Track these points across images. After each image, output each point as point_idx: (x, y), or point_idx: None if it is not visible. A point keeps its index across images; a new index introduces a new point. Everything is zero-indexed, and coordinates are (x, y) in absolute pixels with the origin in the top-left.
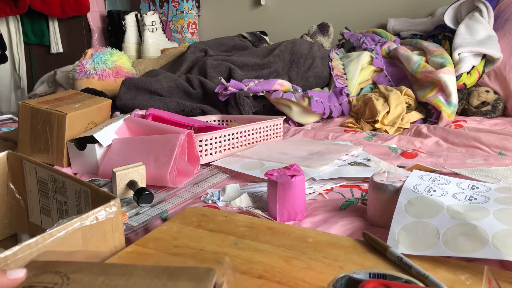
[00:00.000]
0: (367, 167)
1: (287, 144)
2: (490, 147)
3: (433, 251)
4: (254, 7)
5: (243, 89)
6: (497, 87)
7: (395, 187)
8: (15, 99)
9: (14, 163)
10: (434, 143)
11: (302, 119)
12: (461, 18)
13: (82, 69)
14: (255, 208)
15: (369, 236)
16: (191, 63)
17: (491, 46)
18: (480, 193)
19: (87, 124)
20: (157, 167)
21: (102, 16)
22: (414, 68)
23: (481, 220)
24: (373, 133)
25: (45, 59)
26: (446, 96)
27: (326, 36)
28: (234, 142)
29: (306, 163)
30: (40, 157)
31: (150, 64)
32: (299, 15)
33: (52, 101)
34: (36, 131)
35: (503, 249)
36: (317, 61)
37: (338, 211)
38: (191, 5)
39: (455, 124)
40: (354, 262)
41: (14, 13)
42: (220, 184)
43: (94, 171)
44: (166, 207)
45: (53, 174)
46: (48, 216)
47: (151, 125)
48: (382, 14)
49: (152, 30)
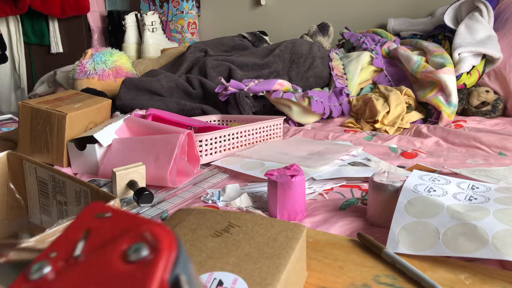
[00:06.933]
0: (367, 167)
1: (287, 144)
2: (490, 147)
3: (433, 251)
4: (254, 7)
5: (243, 89)
6: (497, 87)
7: (395, 187)
8: (15, 99)
9: (14, 163)
10: (434, 143)
11: (302, 119)
12: (461, 18)
13: (82, 69)
14: (255, 208)
15: (364, 237)
16: (191, 63)
17: (491, 46)
18: (480, 193)
19: (87, 124)
20: (157, 167)
21: (102, 16)
22: (414, 68)
23: (481, 220)
24: (373, 133)
25: (45, 59)
26: (446, 96)
27: (326, 36)
28: (234, 142)
29: (306, 163)
30: (40, 157)
31: (150, 64)
32: (299, 15)
33: (52, 101)
34: (36, 131)
35: (503, 249)
36: (317, 61)
37: (338, 211)
38: (191, 5)
39: (455, 124)
40: (354, 262)
41: (14, 13)
42: (220, 184)
43: (94, 171)
44: (166, 207)
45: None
46: (48, 216)
47: (151, 125)
48: (382, 14)
49: (152, 30)
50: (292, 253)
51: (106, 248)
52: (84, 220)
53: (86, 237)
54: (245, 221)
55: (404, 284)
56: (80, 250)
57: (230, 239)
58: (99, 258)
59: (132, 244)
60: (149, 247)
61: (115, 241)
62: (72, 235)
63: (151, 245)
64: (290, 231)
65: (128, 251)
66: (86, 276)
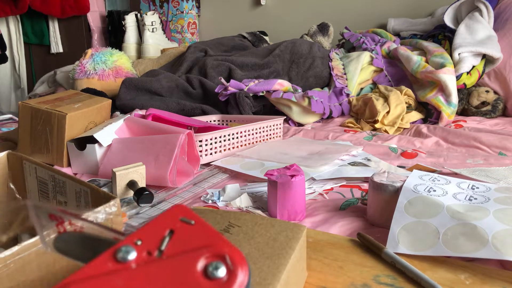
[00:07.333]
0: (367, 167)
1: (287, 144)
2: (490, 147)
3: (433, 251)
4: (254, 7)
5: (243, 89)
6: (497, 87)
7: (395, 187)
8: (15, 99)
9: (14, 163)
10: (434, 143)
11: (302, 119)
12: (461, 18)
13: (82, 69)
14: (255, 208)
15: (364, 237)
16: (191, 63)
17: (491, 46)
18: (480, 193)
19: (87, 124)
20: (157, 167)
21: (102, 16)
22: (414, 68)
23: (481, 220)
24: (373, 133)
25: (45, 59)
26: (446, 96)
27: (326, 36)
28: (234, 142)
29: (306, 163)
30: (40, 157)
31: (150, 64)
32: (299, 15)
33: (52, 101)
34: (36, 131)
35: (503, 249)
36: (317, 61)
37: (338, 211)
38: (191, 5)
39: (455, 124)
40: (354, 262)
41: (14, 13)
42: (220, 184)
43: (94, 171)
44: (166, 207)
45: (53, 174)
46: None
47: (151, 125)
48: (382, 14)
49: (152, 30)
50: (292, 253)
51: (188, 255)
52: (170, 219)
53: (170, 236)
54: (245, 221)
55: (404, 284)
56: (165, 246)
57: (230, 239)
58: (181, 263)
59: (213, 261)
60: (227, 270)
61: (197, 251)
62: (158, 230)
63: (229, 268)
64: (290, 231)
65: (209, 267)
66: (166, 277)
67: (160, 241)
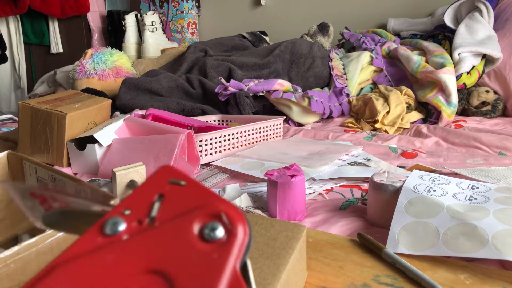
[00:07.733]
0: (367, 167)
1: (287, 144)
2: (490, 147)
3: (433, 251)
4: (254, 7)
5: (243, 89)
6: (497, 87)
7: (395, 187)
8: (15, 99)
9: (14, 163)
10: (434, 143)
11: (302, 119)
12: (461, 18)
13: (82, 69)
14: (255, 208)
15: (364, 237)
16: (191, 63)
17: (491, 46)
18: (480, 193)
19: (87, 124)
20: (157, 167)
21: (102, 16)
22: (414, 68)
23: (481, 220)
24: (373, 133)
25: (45, 59)
26: (446, 96)
27: (326, 36)
28: (234, 142)
29: (306, 163)
30: (40, 157)
31: (150, 64)
32: (299, 15)
33: (52, 101)
34: (36, 131)
35: (503, 249)
36: (317, 61)
37: (338, 211)
38: (191, 5)
39: (455, 124)
40: (354, 262)
41: (14, 13)
42: (220, 184)
43: (94, 171)
44: None
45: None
46: None
47: (151, 125)
48: (382, 14)
49: (152, 30)
50: (292, 253)
51: (181, 219)
52: (158, 182)
53: (160, 201)
54: None
55: (404, 284)
56: (155, 212)
57: None
58: (175, 228)
59: (208, 222)
60: (225, 229)
61: (190, 214)
62: (146, 196)
63: (227, 227)
64: (290, 231)
65: (205, 229)
66: (161, 245)
67: (150, 208)
